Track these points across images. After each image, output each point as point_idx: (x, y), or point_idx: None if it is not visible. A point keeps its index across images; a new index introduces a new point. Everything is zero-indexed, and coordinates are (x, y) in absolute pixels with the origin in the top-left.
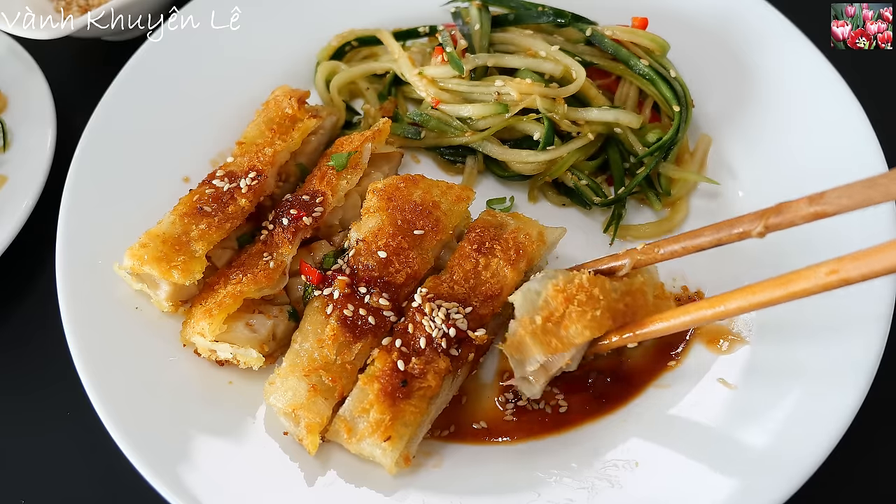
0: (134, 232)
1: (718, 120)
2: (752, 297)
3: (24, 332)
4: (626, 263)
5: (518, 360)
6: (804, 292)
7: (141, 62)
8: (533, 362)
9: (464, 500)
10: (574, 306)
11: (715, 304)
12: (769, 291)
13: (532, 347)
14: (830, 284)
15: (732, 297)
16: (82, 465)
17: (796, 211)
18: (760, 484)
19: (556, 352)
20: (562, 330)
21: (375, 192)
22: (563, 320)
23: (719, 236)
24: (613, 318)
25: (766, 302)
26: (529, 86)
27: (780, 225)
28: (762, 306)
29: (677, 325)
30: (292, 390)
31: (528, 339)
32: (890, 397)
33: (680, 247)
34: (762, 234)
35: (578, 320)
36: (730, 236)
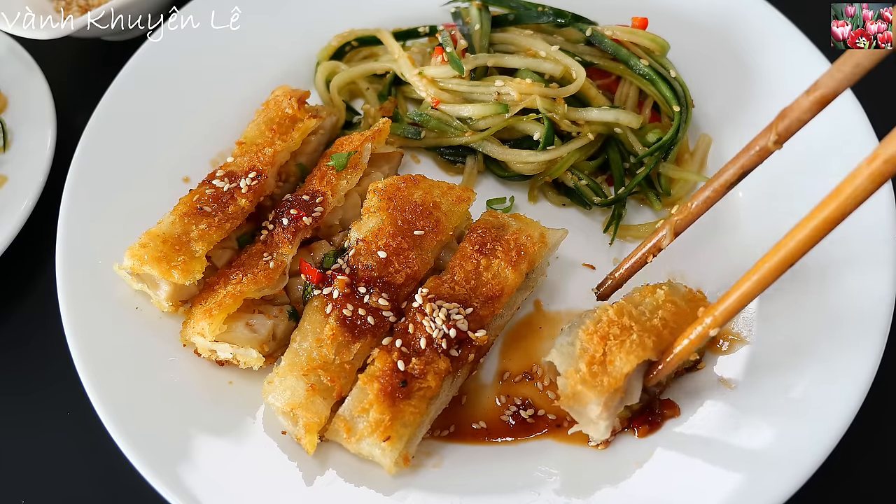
0: (134, 232)
1: (718, 120)
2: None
3: (24, 332)
4: (665, 233)
5: (578, 411)
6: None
7: (141, 62)
8: (593, 408)
9: (463, 500)
10: (611, 341)
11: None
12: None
13: (587, 394)
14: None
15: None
16: (82, 465)
17: (799, 106)
18: (761, 484)
19: (610, 389)
20: (609, 367)
21: (376, 192)
22: (606, 357)
23: (742, 163)
24: (654, 336)
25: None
26: (529, 86)
27: (790, 127)
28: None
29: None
30: (291, 389)
31: (580, 386)
32: (890, 397)
33: (710, 191)
34: (778, 142)
35: (620, 351)
36: (751, 159)
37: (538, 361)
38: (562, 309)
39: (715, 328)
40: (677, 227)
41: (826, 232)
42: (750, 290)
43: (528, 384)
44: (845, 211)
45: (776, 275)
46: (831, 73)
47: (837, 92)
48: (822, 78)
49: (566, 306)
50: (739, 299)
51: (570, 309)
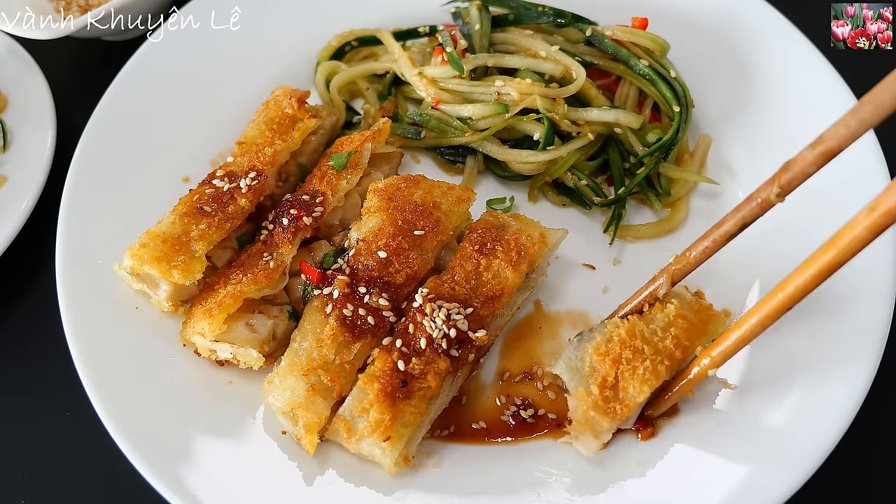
0: (134, 232)
1: (718, 120)
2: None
3: (24, 332)
4: (662, 282)
5: (591, 436)
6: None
7: (141, 62)
8: (606, 434)
9: (463, 500)
10: (624, 366)
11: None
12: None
13: (600, 422)
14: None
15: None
16: (82, 465)
17: (803, 160)
18: (761, 484)
19: (623, 417)
20: (621, 393)
21: (376, 191)
22: (619, 383)
23: (742, 214)
24: (666, 358)
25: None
26: (529, 86)
27: (794, 181)
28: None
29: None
30: (291, 389)
31: (593, 413)
32: (890, 397)
33: (710, 241)
34: (780, 195)
35: (633, 378)
36: (752, 211)
37: (538, 361)
38: (562, 309)
39: (713, 369)
40: (675, 276)
41: (823, 279)
42: (747, 333)
43: (528, 384)
44: (843, 259)
45: (774, 318)
46: (836, 128)
47: (842, 147)
48: (827, 132)
49: (566, 306)
50: (737, 342)
51: (570, 309)
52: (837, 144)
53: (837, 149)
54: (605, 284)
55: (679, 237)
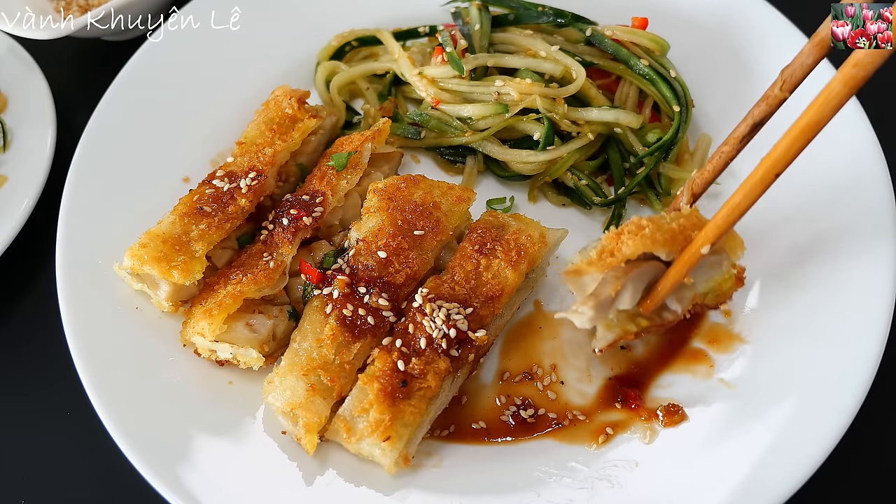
0: (134, 232)
1: (718, 120)
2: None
3: (24, 332)
4: (683, 193)
5: (577, 282)
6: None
7: (141, 62)
8: (589, 281)
9: (463, 500)
10: (625, 236)
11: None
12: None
13: (587, 269)
14: None
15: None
16: (82, 465)
17: (801, 54)
18: (761, 483)
19: (609, 267)
20: (615, 253)
21: (376, 191)
22: (617, 247)
23: (753, 114)
24: (666, 234)
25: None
26: (529, 86)
27: (796, 73)
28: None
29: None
30: (290, 389)
31: (583, 265)
32: (891, 397)
33: (728, 147)
34: (785, 89)
35: (630, 239)
36: (761, 110)
37: (538, 361)
38: (562, 309)
39: (706, 244)
40: (695, 187)
41: (806, 140)
42: (738, 205)
43: (528, 384)
44: (823, 117)
45: (762, 187)
46: (827, 20)
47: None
48: (821, 27)
49: (566, 306)
50: (729, 215)
51: None
52: (828, 34)
53: (829, 38)
54: None
55: None
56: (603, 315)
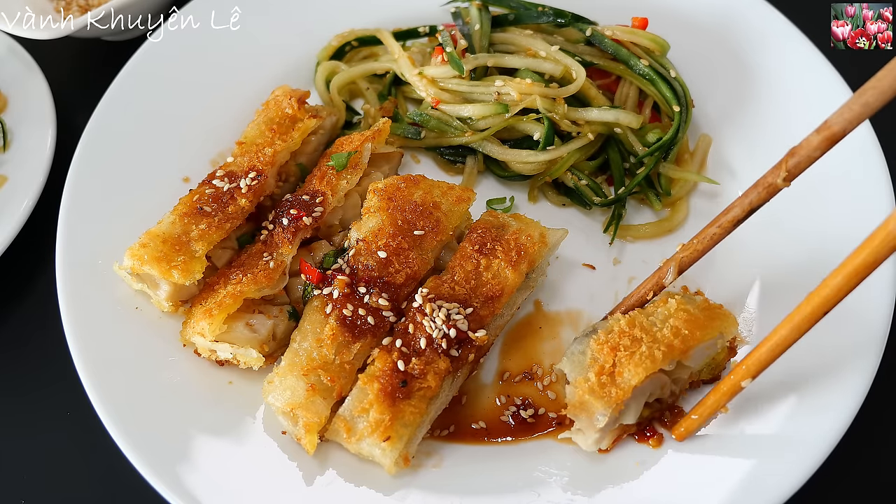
0: (134, 232)
1: (718, 120)
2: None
3: (24, 333)
4: (670, 270)
5: (585, 419)
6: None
7: (141, 62)
8: (599, 419)
9: (463, 500)
10: (621, 352)
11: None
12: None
13: (594, 404)
14: None
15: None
16: (82, 465)
17: (808, 144)
18: (761, 483)
19: (618, 401)
20: (617, 378)
21: (376, 191)
22: (616, 369)
23: (750, 199)
24: (664, 347)
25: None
26: (529, 86)
27: (800, 164)
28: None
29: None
30: (291, 389)
31: (587, 396)
32: (891, 397)
33: (717, 227)
34: (787, 179)
35: (629, 363)
36: (759, 195)
37: (538, 361)
38: (562, 309)
39: (748, 379)
40: (682, 264)
41: (860, 279)
42: (782, 339)
43: (528, 384)
44: (877, 259)
45: (811, 323)
46: (841, 113)
47: (846, 131)
48: (831, 117)
49: (566, 306)
50: (773, 348)
51: (570, 309)
52: (841, 129)
53: (841, 133)
54: (605, 284)
55: (679, 237)
56: (607, 433)
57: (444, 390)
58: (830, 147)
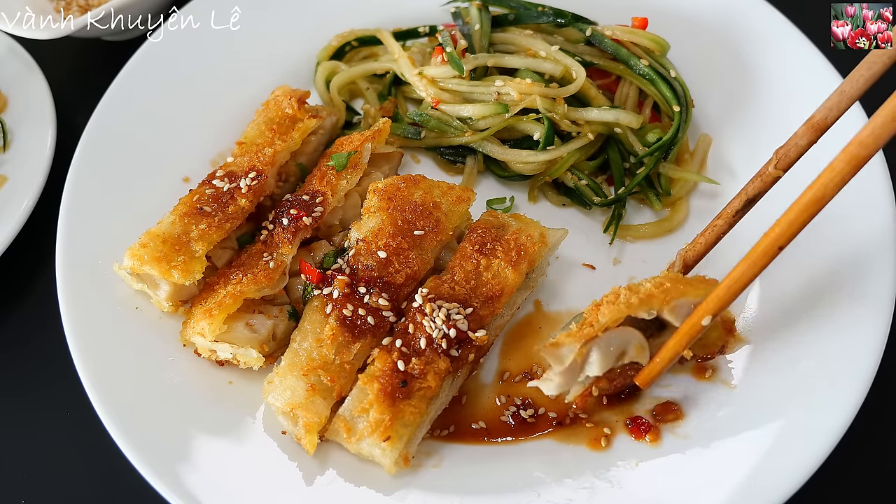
0: (134, 232)
1: (718, 120)
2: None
3: (24, 333)
4: (676, 266)
5: (554, 355)
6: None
7: (141, 62)
8: (567, 353)
9: (463, 499)
10: (603, 306)
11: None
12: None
13: (564, 341)
14: None
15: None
16: (82, 465)
17: (795, 135)
18: (761, 483)
19: (586, 337)
20: (592, 323)
21: (376, 191)
22: (595, 318)
23: (747, 190)
24: (642, 296)
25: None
26: (529, 86)
27: (790, 153)
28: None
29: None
30: (290, 389)
31: (563, 337)
32: (890, 397)
33: (721, 221)
34: (779, 167)
35: (607, 308)
36: (756, 187)
37: (538, 361)
38: (562, 309)
39: (707, 315)
40: (687, 258)
41: (810, 216)
42: (742, 275)
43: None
44: (826, 194)
45: (766, 261)
46: (825, 105)
47: (826, 118)
48: (817, 112)
49: (566, 306)
50: (731, 286)
51: (570, 309)
52: (822, 116)
53: (823, 123)
54: (605, 284)
55: (679, 237)
56: (572, 381)
57: (444, 390)
58: (816, 137)
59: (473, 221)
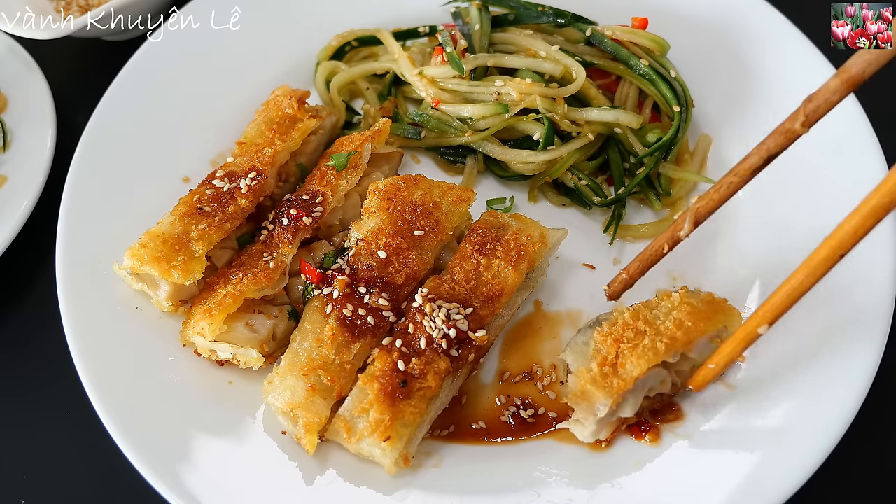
0: (134, 232)
1: (718, 120)
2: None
3: (24, 333)
4: (686, 220)
5: (586, 408)
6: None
7: (141, 62)
8: (600, 408)
9: (463, 499)
10: (625, 344)
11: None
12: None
13: (595, 393)
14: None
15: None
16: (82, 465)
17: (826, 89)
18: (761, 483)
19: (619, 391)
20: (619, 369)
21: (376, 192)
22: (618, 360)
23: (767, 146)
24: (667, 339)
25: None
26: (529, 86)
27: (819, 109)
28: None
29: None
30: (290, 389)
31: (589, 386)
32: (890, 397)
33: (734, 176)
34: (805, 124)
35: (632, 355)
36: (777, 142)
37: (538, 361)
38: (562, 309)
39: (764, 325)
40: (698, 215)
41: (875, 222)
42: (801, 283)
43: (528, 384)
44: (893, 201)
45: (826, 268)
46: (859, 55)
47: (865, 74)
48: (850, 60)
49: (566, 306)
50: (789, 295)
51: (570, 309)
52: (860, 71)
53: (860, 76)
54: (605, 284)
55: None
56: (605, 425)
57: (444, 390)
58: (849, 91)
59: (473, 221)
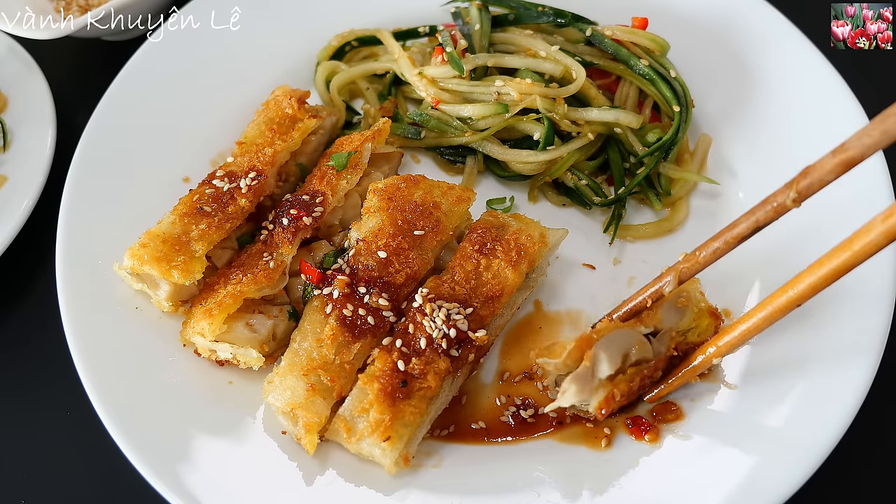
0: (134, 232)
1: (718, 120)
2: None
3: (24, 333)
4: (669, 280)
5: (549, 352)
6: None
7: (141, 62)
8: (561, 350)
9: (463, 499)
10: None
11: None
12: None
13: (559, 344)
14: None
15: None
16: (82, 465)
17: (822, 167)
18: (761, 483)
19: (584, 341)
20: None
21: (376, 191)
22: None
23: (756, 218)
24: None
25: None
26: (529, 86)
27: (812, 186)
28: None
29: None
30: (290, 389)
31: (557, 346)
32: (891, 397)
33: (721, 243)
34: (797, 200)
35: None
36: (766, 214)
37: None
38: (562, 309)
39: (718, 358)
40: (682, 275)
41: (834, 279)
42: (754, 326)
43: (528, 384)
44: (855, 262)
45: (782, 313)
46: (859, 137)
47: (864, 156)
48: (849, 140)
49: (566, 306)
50: (743, 333)
51: (570, 309)
52: (859, 153)
53: (859, 157)
54: (605, 284)
55: (679, 237)
56: (587, 388)
57: (444, 390)
58: (845, 171)
59: (473, 221)
